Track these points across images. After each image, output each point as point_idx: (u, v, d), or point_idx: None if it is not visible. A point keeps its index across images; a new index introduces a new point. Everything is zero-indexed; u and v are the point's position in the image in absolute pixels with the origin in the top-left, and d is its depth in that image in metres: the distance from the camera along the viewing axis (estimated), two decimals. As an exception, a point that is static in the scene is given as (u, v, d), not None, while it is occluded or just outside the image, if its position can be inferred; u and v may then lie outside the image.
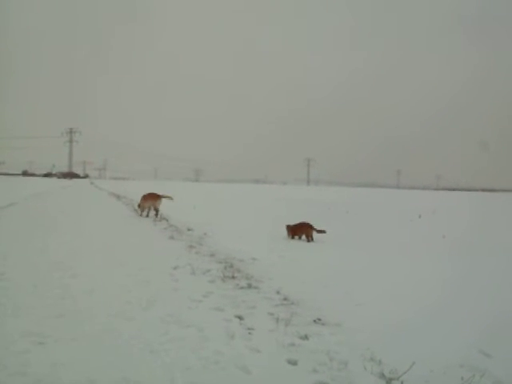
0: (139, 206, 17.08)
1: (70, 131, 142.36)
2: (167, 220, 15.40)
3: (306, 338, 4.74)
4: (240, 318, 5.30)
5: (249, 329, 4.94)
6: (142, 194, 17.56)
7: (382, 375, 3.94)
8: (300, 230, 12.01)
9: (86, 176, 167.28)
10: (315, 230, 11.88)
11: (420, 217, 20.70)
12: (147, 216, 16.70)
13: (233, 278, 7.19)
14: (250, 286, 6.71)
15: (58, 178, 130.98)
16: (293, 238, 12.05)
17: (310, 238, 11.79)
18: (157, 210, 16.50)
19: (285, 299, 6.11)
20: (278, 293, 6.41)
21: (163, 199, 16.90)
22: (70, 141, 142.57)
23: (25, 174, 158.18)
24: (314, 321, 5.28)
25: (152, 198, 16.83)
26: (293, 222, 12.25)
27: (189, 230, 12.99)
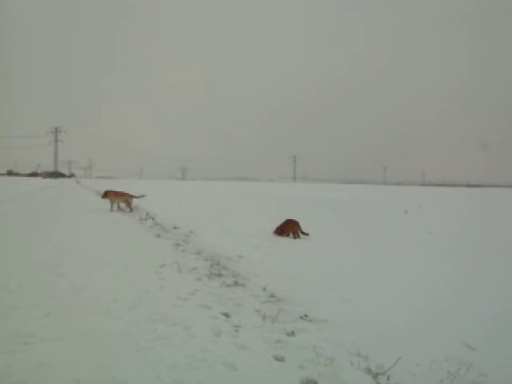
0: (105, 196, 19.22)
1: (56, 130, 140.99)
2: (153, 218, 15.32)
3: (292, 334, 4.74)
4: (226, 315, 5.29)
5: (235, 326, 4.94)
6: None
7: (369, 370, 3.96)
8: (287, 228, 12.00)
9: (71, 175, 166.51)
10: (301, 230, 11.88)
11: (406, 212, 20.80)
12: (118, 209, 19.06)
13: (219, 275, 7.18)
14: (236, 284, 6.71)
15: (44, 177, 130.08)
16: (280, 235, 12.04)
17: (296, 235, 11.79)
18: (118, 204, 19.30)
19: (271, 296, 6.11)
20: (264, 290, 6.41)
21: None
22: (55, 140, 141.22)
23: (10, 173, 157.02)
24: (301, 317, 5.28)
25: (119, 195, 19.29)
26: (280, 220, 12.25)
27: (175, 228, 12.94)
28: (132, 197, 19.05)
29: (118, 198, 19.00)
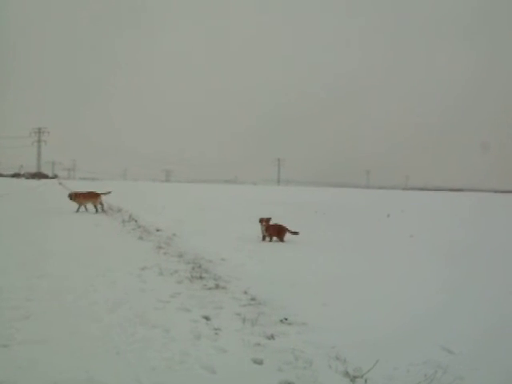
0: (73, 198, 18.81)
1: (39, 131, 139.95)
2: (136, 221, 15.25)
3: (272, 337, 4.77)
4: (207, 318, 5.30)
5: (215, 329, 4.95)
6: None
7: (347, 373, 4.00)
8: (271, 232, 11.94)
9: (54, 176, 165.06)
10: (289, 231, 11.89)
11: (388, 216, 20.95)
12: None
13: (201, 278, 7.19)
14: (217, 287, 6.72)
15: (26, 178, 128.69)
16: (263, 239, 12.01)
17: (280, 239, 11.78)
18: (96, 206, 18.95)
19: (252, 299, 6.13)
20: (245, 293, 6.43)
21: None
22: (38, 141, 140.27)
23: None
24: (281, 320, 5.31)
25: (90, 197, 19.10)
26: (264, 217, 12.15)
27: (158, 230, 12.91)
28: (98, 195, 19.07)
29: (88, 200, 18.92)
